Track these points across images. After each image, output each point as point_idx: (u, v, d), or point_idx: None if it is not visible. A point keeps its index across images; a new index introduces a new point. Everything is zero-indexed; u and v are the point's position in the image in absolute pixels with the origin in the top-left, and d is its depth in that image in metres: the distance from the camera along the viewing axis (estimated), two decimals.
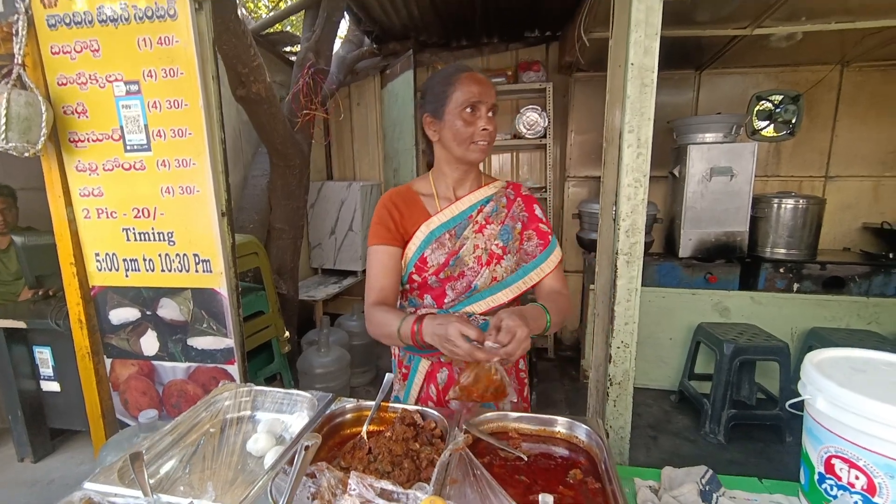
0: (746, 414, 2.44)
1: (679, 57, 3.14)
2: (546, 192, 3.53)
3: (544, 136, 3.38)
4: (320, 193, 3.67)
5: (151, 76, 1.50)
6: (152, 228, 1.58)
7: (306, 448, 0.72)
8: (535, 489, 0.78)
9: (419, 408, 0.98)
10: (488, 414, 0.95)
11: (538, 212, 1.19)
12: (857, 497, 0.68)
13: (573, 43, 2.71)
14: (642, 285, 2.99)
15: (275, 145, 2.32)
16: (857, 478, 0.67)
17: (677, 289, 2.92)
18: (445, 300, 1.11)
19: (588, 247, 3.23)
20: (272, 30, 3.11)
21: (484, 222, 1.12)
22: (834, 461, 0.70)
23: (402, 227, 1.10)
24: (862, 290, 2.71)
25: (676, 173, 3.00)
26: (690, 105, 3.37)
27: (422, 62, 3.70)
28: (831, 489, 0.71)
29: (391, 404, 1.00)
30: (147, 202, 1.57)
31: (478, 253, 1.10)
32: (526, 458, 0.86)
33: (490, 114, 1.05)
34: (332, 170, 4.11)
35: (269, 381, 2.28)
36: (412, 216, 1.11)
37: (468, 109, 1.03)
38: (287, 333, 2.29)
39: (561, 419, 0.92)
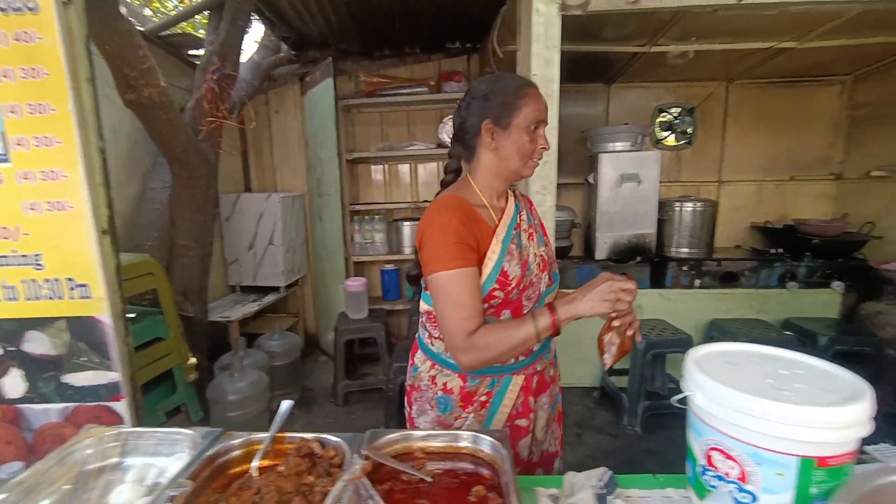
0: (659, 404, 2.60)
1: (591, 71, 3.34)
2: None
3: None
4: (236, 206, 3.44)
5: (7, 77, 1.31)
6: (13, 251, 1.37)
7: (170, 500, 0.63)
8: None
9: (319, 436, 0.91)
10: (392, 435, 0.91)
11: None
12: (732, 486, 0.71)
13: (490, 55, 2.78)
14: (564, 287, 3.10)
15: (175, 154, 2.13)
16: (731, 468, 0.71)
17: None
18: (524, 312, 1.08)
19: None
20: (174, 31, 2.88)
21: (528, 229, 1.13)
22: (712, 453, 0.74)
23: (477, 242, 1.02)
24: (751, 282, 3.01)
25: (591, 180, 3.17)
26: (602, 116, 3.58)
27: (343, 70, 3.62)
28: (711, 480, 0.74)
29: (290, 434, 0.92)
30: (5, 221, 1.36)
31: (537, 260, 1.12)
32: (430, 480, 0.83)
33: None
34: (251, 181, 3.88)
35: (172, 414, 2.07)
36: (480, 230, 1.04)
37: (533, 126, 1.04)
38: (193, 359, 2.10)
39: (466, 433, 0.89)
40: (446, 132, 3.39)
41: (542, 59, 1.28)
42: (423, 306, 1.15)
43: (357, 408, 3.11)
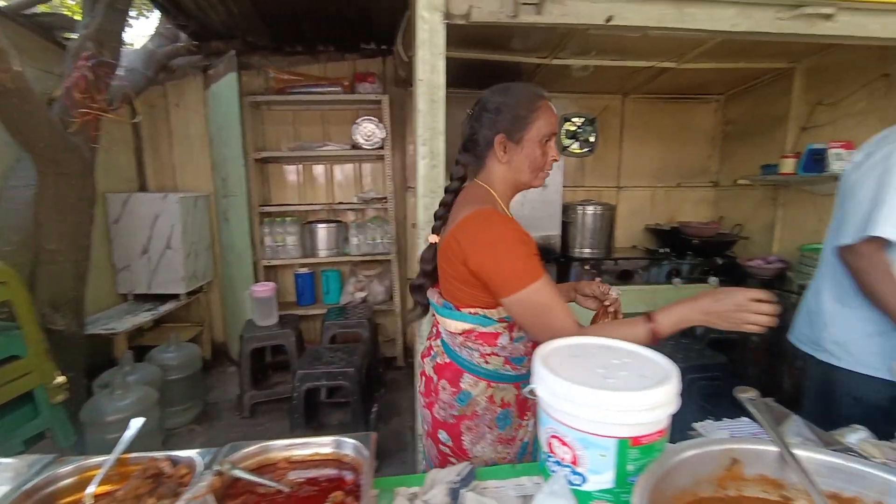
0: None
1: (504, 80, 3.47)
2: (387, 202, 3.56)
3: (382, 147, 3.41)
4: (127, 207, 3.14)
5: None
6: None
7: None
8: None
9: (170, 454, 0.85)
10: (252, 447, 0.87)
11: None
12: (567, 469, 0.77)
13: (399, 58, 2.79)
14: None
15: (37, 148, 1.89)
16: (566, 453, 0.76)
17: None
18: None
19: None
20: (43, 9, 2.56)
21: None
22: (552, 441, 0.79)
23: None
24: (644, 279, 3.29)
25: None
26: None
27: (250, 65, 3.45)
28: (552, 466, 0.80)
29: (136, 455, 0.85)
30: None
31: None
32: (287, 490, 0.80)
33: None
34: (146, 179, 3.56)
35: (35, 440, 1.83)
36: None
37: (545, 139, 1.06)
38: (61, 378, 1.87)
39: (328, 438, 0.88)
40: (360, 133, 3.34)
41: (428, 65, 1.31)
42: (460, 325, 1.08)
43: (265, 419, 2.96)
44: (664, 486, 0.70)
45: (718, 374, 2.47)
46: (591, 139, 3.70)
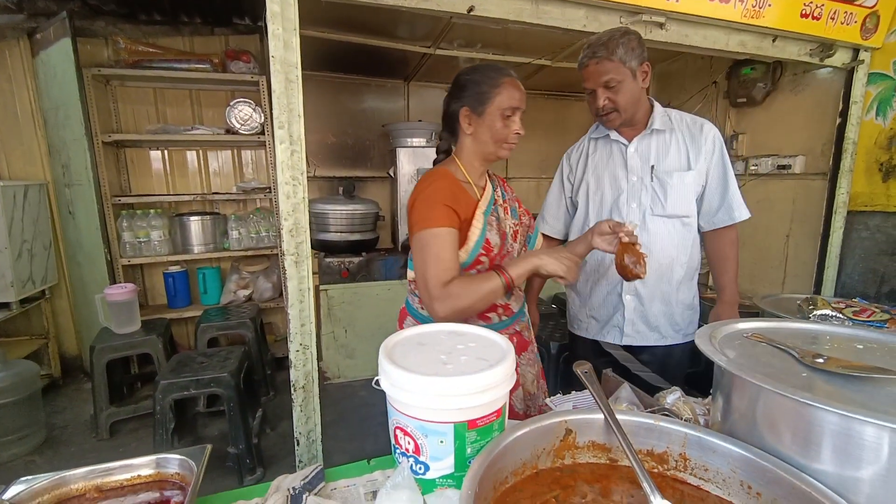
0: None
1: (389, 67, 3.41)
2: (271, 192, 3.32)
3: (263, 133, 3.16)
4: None
5: None
6: None
7: None
8: None
9: None
10: (43, 482, 0.73)
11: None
12: (411, 459, 0.76)
13: None
14: (370, 280, 3.10)
15: None
16: (409, 443, 0.75)
17: (401, 280, 3.17)
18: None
19: (319, 248, 3.19)
20: None
21: (503, 204, 1.26)
22: (397, 432, 0.77)
23: (463, 211, 1.14)
24: None
25: (392, 173, 3.24)
26: (403, 111, 3.70)
27: (94, 32, 2.96)
28: (399, 458, 0.78)
29: None
30: None
31: (511, 231, 1.25)
32: None
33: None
34: None
35: None
36: (465, 201, 1.16)
37: (507, 113, 1.14)
38: None
39: (148, 458, 0.78)
40: (235, 117, 3.06)
41: (281, 41, 1.21)
42: (411, 274, 1.24)
43: (129, 439, 2.61)
44: (503, 463, 0.72)
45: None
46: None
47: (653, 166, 1.48)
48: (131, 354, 2.77)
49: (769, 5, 1.72)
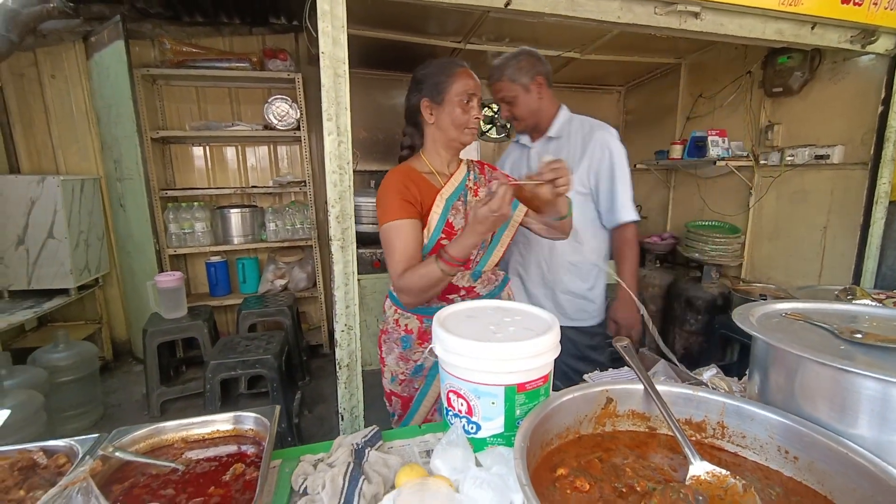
0: None
1: (418, 63, 3.47)
2: (306, 186, 3.44)
3: (298, 129, 3.28)
4: None
5: None
6: None
7: None
8: (178, 501, 0.71)
9: (44, 444, 0.79)
10: (143, 430, 0.83)
11: (500, 171, 1.45)
12: (464, 420, 0.82)
13: (307, 34, 2.69)
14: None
15: None
16: (462, 405, 0.82)
17: None
18: (472, 258, 1.28)
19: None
20: None
21: (475, 187, 1.31)
22: (450, 395, 0.84)
23: (419, 200, 1.22)
24: None
25: None
26: None
27: (143, 34, 3.13)
28: (452, 419, 0.85)
29: (4, 448, 0.78)
30: None
31: None
32: (182, 468, 0.78)
33: (480, 105, 1.24)
34: (18, 160, 3.12)
35: None
36: (423, 190, 1.23)
37: (465, 100, 1.20)
38: None
39: (228, 414, 0.87)
40: (272, 113, 3.18)
41: (330, 38, 1.29)
42: None
43: (177, 416, 2.77)
44: (549, 426, 0.78)
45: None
46: (508, 124, 3.84)
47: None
48: (179, 338, 2.94)
49: None
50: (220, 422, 0.86)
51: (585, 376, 1.14)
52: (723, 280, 2.95)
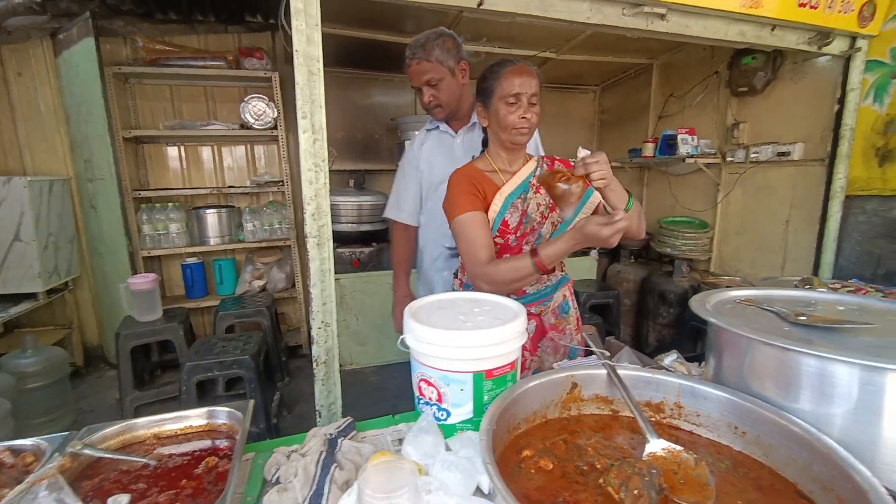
0: None
1: (397, 61, 3.47)
2: (284, 185, 3.42)
3: (276, 128, 3.26)
4: None
5: None
6: None
7: None
8: (150, 494, 0.72)
9: (11, 443, 0.78)
10: (114, 427, 0.83)
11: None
12: (434, 407, 0.85)
13: (283, 32, 2.68)
14: (381, 269, 3.17)
15: None
16: (432, 393, 0.84)
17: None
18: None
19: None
20: None
21: (538, 184, 1.28)
22: (421, 383, 0.86)
23: (485, 197, 1.25)
24: None
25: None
26: (411, 106, 3.78)
27: (114, 31, 3.06)
28: (423, 407, 0.88)
29: None
30: None
31: (540, 210, 1.29)
32: (154, 463, 0.79)
33: (534, 103, 1.21)
34: None
35: None
36: (486, 187, 1.26)
37: (510, 100, 1.18)
38: None
39: (201, 409, 0.88)
40: (249, 112, 3.15)
41: (304, 36, 1.30)
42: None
43: None
44: (516, 410, 0.81)
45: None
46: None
47: (473, 156, 1.54)
48: (153, 341, 2.88)
49: None
50: (194, 417, 0.87)
51: (555, 364, 1.17)
52: (693, 274, 3.05)
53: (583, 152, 1.11)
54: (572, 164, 1.35)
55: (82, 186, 3.16)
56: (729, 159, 2.84)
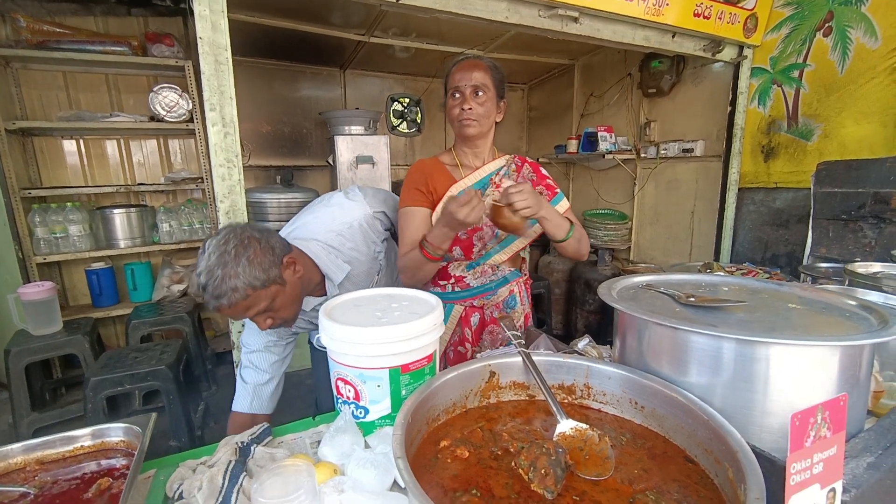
0: None
1: (324, 54, 3.38)
2: (204, 182, 3.20)
3: (191, 121, 3.03)
4: None
5: None
6: None
7: None
8: None
9: None
10: None
11: (544, 171, 1.41)
12: (352, 406, 0.84)
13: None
14: None
15: None
16: (349, 391, 0.83)
17: None
18: (474, 250, 1.31)
19: None
20: None
21: (500, 182, 1.30)
22: (338, 383, 0.85)
23: (433, 190, 1.27)
24: None
25: (331, 161, 3.24)
26: (340, 100, 3.69)
27: None
28: (341, 406, 0.86)
29: None
30: None
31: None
32: (35, 491, 0.71)
33: (479, 93, 1.19)
34: None
35: None
36: (440, 181, 1.28)
37: (455, 95, 1.22)
38: None
39: (89, 429, 0.80)
40: (159, 103, 2.91)
41: (209, 23, 1.21)
42: None
43: None
44: (434, 403, 0.82)
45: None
46: (418, 119, 3.88)
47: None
48: (54, 356, 2.59)
49: (667, 4, 1.93)
50: (83, 437, 0.79)
51: (478, 355, 1.20)
52: (615, 263, 3.26)
53: (506, 182, 1.21)
54: (539, 165, 1.43)
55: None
56: (643, 155, 3.06)
